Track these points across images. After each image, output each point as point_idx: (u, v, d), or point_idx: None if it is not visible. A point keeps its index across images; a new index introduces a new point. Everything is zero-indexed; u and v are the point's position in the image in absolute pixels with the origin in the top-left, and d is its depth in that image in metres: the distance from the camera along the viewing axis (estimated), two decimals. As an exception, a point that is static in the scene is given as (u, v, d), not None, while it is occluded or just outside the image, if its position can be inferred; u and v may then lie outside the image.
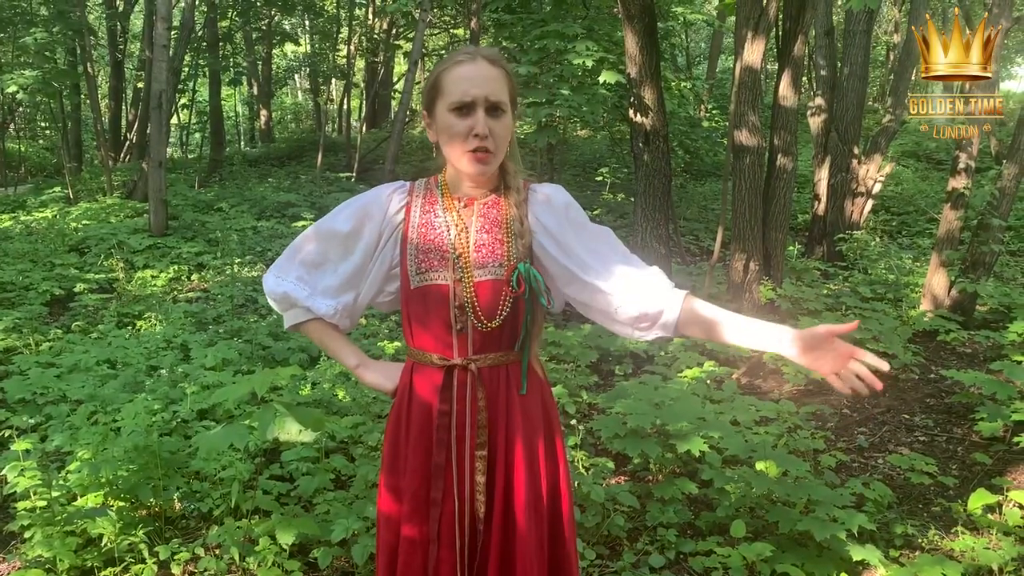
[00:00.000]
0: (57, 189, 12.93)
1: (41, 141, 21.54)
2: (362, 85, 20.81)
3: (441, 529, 1.74)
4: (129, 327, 6.51)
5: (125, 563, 2.99)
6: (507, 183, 1.80)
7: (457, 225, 1.76)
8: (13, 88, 11.06)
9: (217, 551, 3.10)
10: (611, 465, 3.81)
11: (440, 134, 1.73)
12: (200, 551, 3.08)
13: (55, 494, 3.11)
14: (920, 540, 3.36)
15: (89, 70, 14.15)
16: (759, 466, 3.50)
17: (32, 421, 4.10)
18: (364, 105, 19.82)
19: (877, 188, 10.07)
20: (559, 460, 1.87)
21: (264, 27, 19.12)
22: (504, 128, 1.71)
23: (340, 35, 18.66)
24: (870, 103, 17.16)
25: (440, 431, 1.75)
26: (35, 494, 3.08)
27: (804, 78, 9.19)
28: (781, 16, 6.73)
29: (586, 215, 1.83)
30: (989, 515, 3.53)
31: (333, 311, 1.83)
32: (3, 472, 3.26)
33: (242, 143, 24.39)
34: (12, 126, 16.91)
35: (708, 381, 4.95)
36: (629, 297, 1.73)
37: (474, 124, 1.66)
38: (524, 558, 1.73)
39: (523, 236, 1.75)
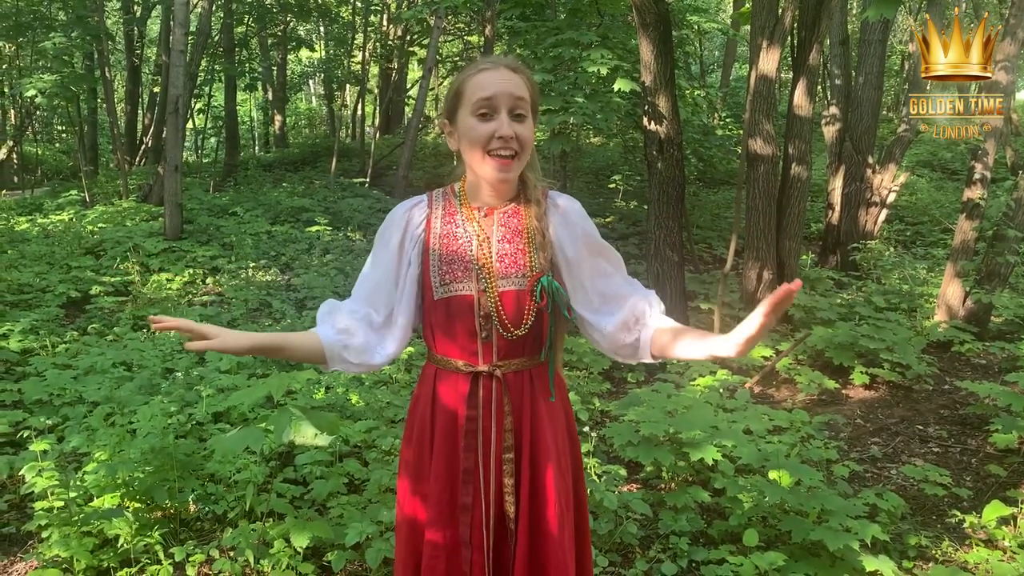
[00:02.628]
0: (73, 192, 13.02)
1: (58, 144, 21.75)
2: (376, 91, 20.89)
3: (471, 532, 1.76)
4: (144, 330, 6.55)
5: (141, 564, 3.01)
6: (527, 194, 1.81)
7: (478, 235, 1.77)
8: (32, 92, 11.14)
9: (232, 553, 3.12)
10: (624, 472, 3.81)
11: (462, 140, 1.74)
12: (215, 553, 3.10)
13: (72, 495, 3.14)
14: (934, 552, 3.35)
15: (106, 74, 14.25)
16: (772, 475, 3.49)
17: (49, 422, 4.14)
18: (378, 111, 19.91)
19: (891, 198, 10.03)
20: (579, 463, 1.91)
21: (279, 33, 19.22)
22: (528, 131, 1.72)
23: (355, 41, 18.74)
24: (885, 112, 17.10)
25: (468, 436, 1.76)
26: (52, 494, 3.10)
27: (819, 87, 9.17)
28: (796, 25, 6.73)
29: (597, 231, 1.85)
30: (1004, 527, 3.51)
31: (332, 330, 1.83)
32: (21, 472, 3.30)
33: (257, 148, 24.51)
34: (30, 129, 17.05)
35: (721, 390, 4.94)
36: (619, 325, 1.79)
37: (498, 127, 1.68)
38: (555, 558, 1.74)
39: (545, 249, 1.77)
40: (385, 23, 18.78)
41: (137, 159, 18.10)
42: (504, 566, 1.79)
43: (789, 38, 6.70)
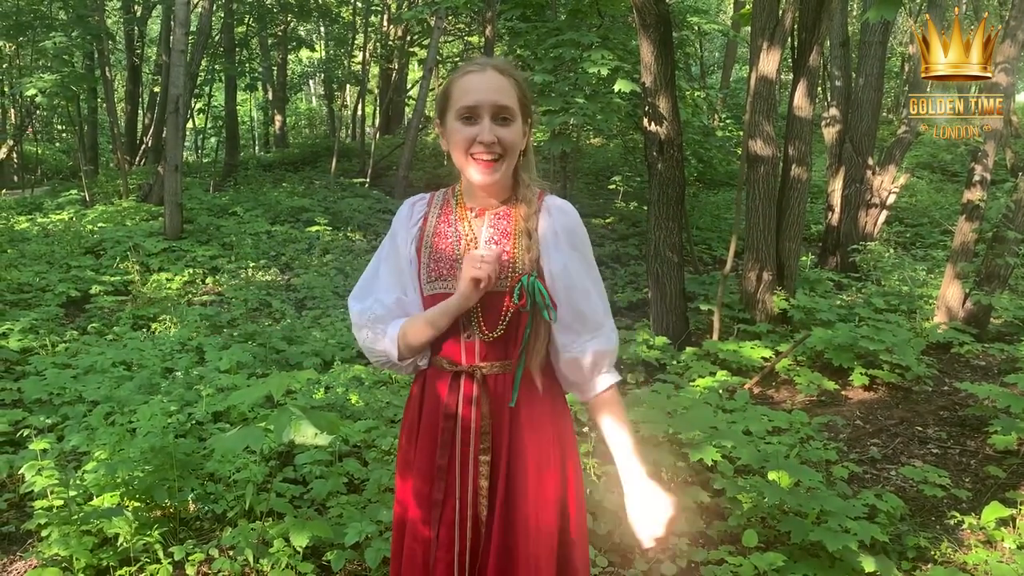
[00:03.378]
0: (73, 192, 13.04)
1: (58, 144, 21.74)
2: (376, 91, 20.90)
3: (440, 530, 1.76)
4: (144, 329, 6.55)
5: (140, 563, 3.01)
6: (519, 194, 1.81)
7: (466, 235, 1.78)
8: (32, 92, 11.16)
9: (231, 552, 3.12)
10: (623, 473, 3.80)
11: (449, 142, 1.76)
12: (214, 552, 3.10)
13: (72, 493, 3.14)
14: (933, 553, 3.35)
15: (106, 74, 14.27)
16: (771, 476, 3.49)
17: (49, 421, 4.14)
18: (378, 111, 19.91)
19: (891, 199, 10.04)
20: (569, 472, 1.86)
21: (280, 33, 19.23)
22: (513, 134, 1.72)
23: (355, 42, 18.75)
24: (885, 114, 17.11)
25: (445, 433, 1.77)
26: (52, 493, 3.11)
27: (819, 89, 9.17)
28: (796, 27, 6.73)
29: (590, 246, 1.83)
30: (1003, 528, 3.51)
31: (384, 308, 1.83)
32: (21, 471, 3.29)
33: (257, 148, 24.53)
34: (30, 129, 17.05)
35: (721, 390, 4.94)
36: (575, 361, 1.80)
37: (479, 131, 1.69)
38: (525, 564, 1.73)
39: (531, 249, 1.75)
40: (385, 23, 18.79)
41: (137, 159, 18.10)
42: (477, 566, 1.78)
43: (789, 39, 6.70)
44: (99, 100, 17.16)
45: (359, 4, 17.99)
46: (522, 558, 1.73)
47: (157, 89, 17.35)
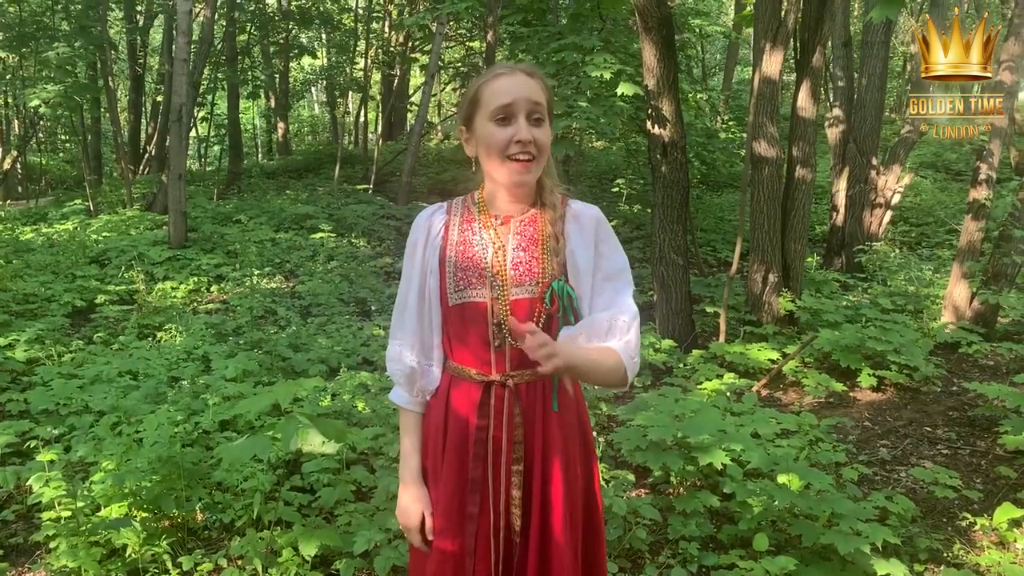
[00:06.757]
0: (78, 202, 13.06)
1: (62, 154, 21.78)
2: (378, 98, 20.93)
3: (477, 542, 1.75)
4: (150, 338, 6.55)
5: (149, 573, 3.00)
6: (543, 199, 1.80)
7: (494, 243, 1.77)
8: (36, 102, 11.21)
9: (239, 562, 3.11)
10: (632, 478, 3.79)
11: (480, 146, 1.74)
12: (223, 562, 3.10)
13: (79, 504, 3.13)
14: (945, 554, 3.33)
15: (109, 84, 14.30)
16: (781, 479, 3.47)
17: (56, 432, 4.13)
18: (380, 118, 19.93)
19: (896, 199, 10.02)
20: (594, 474, 1.89)
21: (282, 41, 19.28)
22: (546, 135, 1.72)
23: (357, 48, 18.79)
24: (888, 114, 17.08)
25: (478, 445, 1.76)
26: (60, 504, 3.10)
27: (822, 89, 9.15)
28: (799, 27, 6.72)
29: (617, 242, 1.83)
30: (1015, 529, 3.49)
31: (415, 364, 1.85)
32: (28, 482, 3.29)
33: (260, 156, 24.56)
34: (34, 139, 17.09)
35: (728, 393, 4.92)
36: (599, 314, 1.78)
37: (516, 131, 1.67)
38: (560, 571, 1.73)
39: (558, 253, 1.75)
40: (387, 30, 18.82)
41: (141, 168, 18.13)
42: (513, 574, 1.78)
43: (792, 40, 6.70)
44: (102, 110, 17.19)
45: (361, 11, 18.02)
46: (556, 564, 1.74)
47: (160, 98, 17.38)
